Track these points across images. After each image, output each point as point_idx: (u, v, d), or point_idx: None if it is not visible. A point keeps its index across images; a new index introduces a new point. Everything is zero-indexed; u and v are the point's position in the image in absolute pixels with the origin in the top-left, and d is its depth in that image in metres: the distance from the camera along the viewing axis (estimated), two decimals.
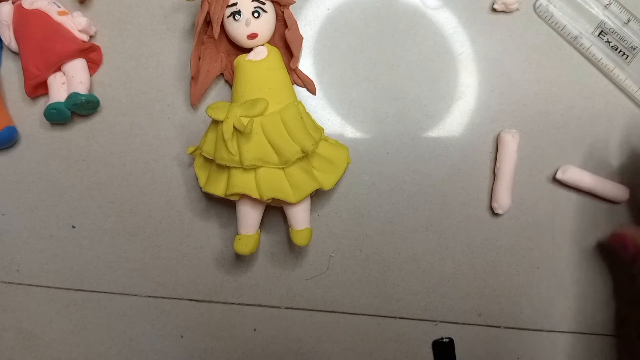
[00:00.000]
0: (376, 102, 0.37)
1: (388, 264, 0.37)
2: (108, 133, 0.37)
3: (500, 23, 0.37)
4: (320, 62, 0.37)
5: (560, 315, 0.36)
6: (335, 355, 0.37)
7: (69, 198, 0.37)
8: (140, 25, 0.37)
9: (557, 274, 0.36)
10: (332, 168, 0.33)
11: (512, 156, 0.35)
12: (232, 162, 0.31)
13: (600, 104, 0.36)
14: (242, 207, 0.33)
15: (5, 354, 0.37)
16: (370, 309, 0.37)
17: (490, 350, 0.37)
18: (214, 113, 0.31)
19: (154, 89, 0.37)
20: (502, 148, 0.35)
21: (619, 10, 0.36)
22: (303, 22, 0.37)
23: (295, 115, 0.31)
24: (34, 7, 0.35)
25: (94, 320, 0.37)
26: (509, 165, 0.35)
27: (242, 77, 0.33)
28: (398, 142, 0.36)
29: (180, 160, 0.37)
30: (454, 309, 0.37)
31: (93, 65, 0.37)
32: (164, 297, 0.37)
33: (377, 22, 0.37)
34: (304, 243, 0.33)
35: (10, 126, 0.36)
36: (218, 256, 0.37)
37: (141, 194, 0.37)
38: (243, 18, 0.32)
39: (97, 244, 0.37)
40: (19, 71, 0.36)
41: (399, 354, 0.37)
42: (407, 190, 0.36)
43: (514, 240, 0.36)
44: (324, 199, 0.37)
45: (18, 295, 0.37)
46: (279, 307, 0.37)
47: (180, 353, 0.37)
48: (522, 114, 0.36)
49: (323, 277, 0.37)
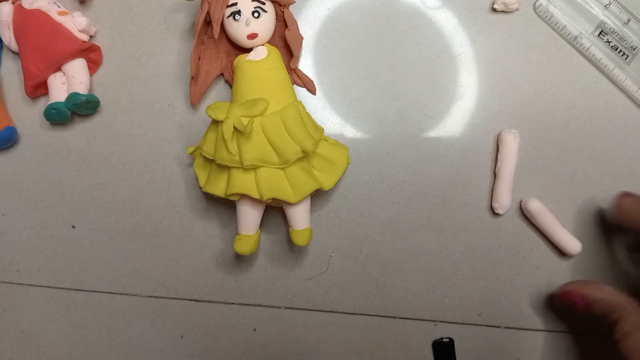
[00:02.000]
0: (376, 102, 0.37)
1: (388, 264, 0.37)
2: (108, 133, 0.37)
3: (500, 23, 0.37)
4: (320, 62, 0.37)
5: (560, 315, 0.36)
6: (335, 355, 0.37)
7: (69, 198, 0.37)
8: (140, 25, 0.37)
9: (557, 274, 0.36)
10: (332, 168, 0.33)
11: (513, 156, 0.35)
12: (232, 162, 0.31)
13: (600, 104, 0.36)
14: (242, 207, 0.33)
15: (5, 354, 0.37)
16: (370, 309, 0.37)
17: (490, 350, 0.37)
18: (214, 113, 0.31)
19: (154, 89, 0.37)
20: (503, 148, 0.35)
21: (619, 10, 0.36)
22: (303, 22, 0.37)
23: (295, 115, 0.31)
24: (34, 7, 0.35)
25: (94, 320, 0.37)
26: (510, 165, 0.35)
27: (242, 77, 0.33)
28: (398, 142, 0.36)
29: (180, 160, 0.37)
30: (454, 309, 0.37)
31: (93, 65, 0.37)
32: (164, 297, 0.37)
33: (377, 22, 0.37)
34: (304, 243, 0.33)
35: (10, 126, 0.36)
36: (218, 256, 0.37)
37: (141, 194, 0.37)
38: (243, 18, 0.32)
39: (97, 244, 0.37)
40: (19, 71, 0.36)
41: (399, 354, 0.37)
42: (407, 190, 0.36)
43: (514, 240, 0.36)
44: (324, 199, 0.37)
45: (18, 295, 0.37)
46: (279, 307, 0.37)
47: (180, 353, 0.37)
48: (522, 114, 0.36)
49: (323, 277, 0.37)
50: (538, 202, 0.35)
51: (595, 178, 0.36)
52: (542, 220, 0.35)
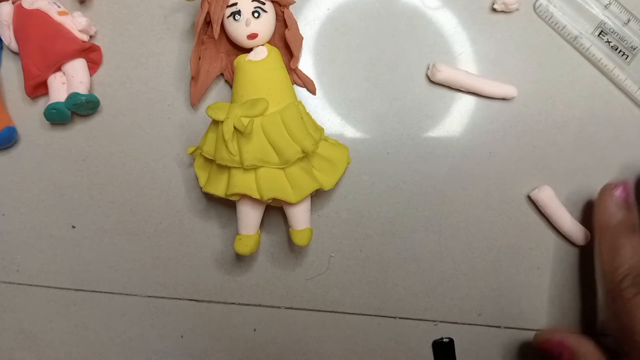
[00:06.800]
0: (376, 102, 0.37)
1: (388, 264, 0.37)
2: (108, 133, 0.37)
3: (500, 23, 0.37)
4: (320, 62, 0.37)
5: (561, 315, 0.36)
6: (335, 355, 0.37)
7: (69, 198, 0.37)
8: (140, 25, 0.37)
9: (557, 274, 0.36)
10: (332, 168, 0.33)
11: (558, 207, 0.35)
12: (232, 163, 0.31)
13: (600, 104, 0.36)
14: (242, 207, 0.33)
15: (5, 354, 0.37)
16: (370, 309, 0.37)
17: (490, 350, 0.37)
18: (214, 113, 0.31)
19: (154, 89, 0.37)
20: (544, 206, 0.35)
21: (619, 10, 0.36)
22: (303, 22, 0.37)
23: (295, 115, 0.31)
24: (34, 7, 0.35)
25: (94, 320, 0.37)
26: (563, 213, 0.36)
27: (242, 77, 0.33)
28: (398, 142, 0.36)
29: (180, 160, 0.37)
30: (454, 309, 0.37)
31: (93, 65, 0.37)
32: (164, 297, 0.37)
33: (377, 22, 0.37)
34: (304, 243, 0.33)
35: (10, 126, 0.36)
36: (218, 256, 0.37)
37: (141, 194, 0.37)
38: (243, 18, 0.32)
39: (97, 244, 0.37)
40: (19, 71, 0.36)
41: (399, 354, 0.37)
42: (407, 190, 0.36)
43: (514, 240, 0.36)
44: (324, 199, 0.37)
45: (18, 295, 0.37)
46: (279, 307, 0.37)
47: (180, 353, 0.37)
48: (522, 114, 0.36)
49: (323, 277, 0.37)
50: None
51: (596, 178, 0.36)
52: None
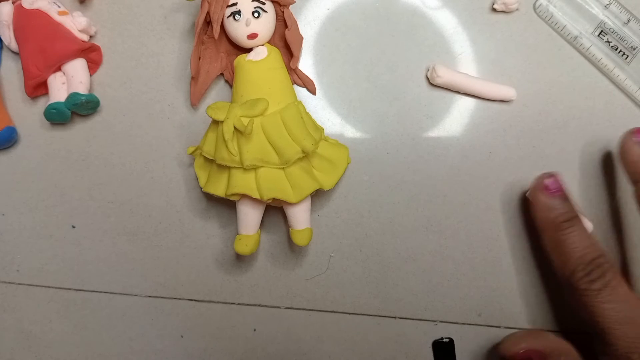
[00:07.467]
0: (376, 102, 0.37)
1: (388, 264, 0.37)
2: (108, 133, 0.37)
3: (500, 23, 0.37)
4: (320, 62, 0.37)
5: (560, 315, 0.36)
6: (335, 355, 0.37)
7: (69, 198, 0.37)
8: (140, 25, 0.37)
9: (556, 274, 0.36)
10: (332, 168, 0.33)
11: (587, 225, 0.33)
12: (232, 162, 0.31)
13: (600, 104, 0.36)
14: (242, 207, 0.33)
15: (5, 354, 0.37)
16: (370, 309, 0.37)
17: (490, 350, 0.37)
18: (214, 113, 0.31)
19: (154, 89, 0.37)
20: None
21: (619, 10, 0.36)
22: (303, 22, 0.37)
23: (295, 115, 0.31)
24: (34, 7, 0.35)
25: (94, 320, 0.37)
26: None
27: (242, 77, 0.33)
28: (398, 142, 0.36)
29: (180, 160, 0.37)
30: (454, 309, 0.37)
31: (93, 65, 0.37)
32: (164, 297, 0.37)
33: (377, 22, 0.37)
34: (304, 243, 0.33)
35: (10, 126, 0.36)
36: (218, 256, 0.37)
37: (141, 194, 0.37)
38: (243, 18, 0.32)
39: (97, 244, 0.37)
40: (19, 71, 0.36)
41: (399, 354, 0.37)
42: (407, 190, 0.36)
43: (514, 240, 0.36)
44: (324, 199, 0.37)
45: (18, 295, 0.37)
46: (279, 307, 0.37)
47: (180, 353, 0.37)
48: (522, 114, 0.36)
49: (323, 277, 0.37)
50: (445, 67, 0.34)
51: (596, 178, 0.36)
52: (461, 80, 0.34)
